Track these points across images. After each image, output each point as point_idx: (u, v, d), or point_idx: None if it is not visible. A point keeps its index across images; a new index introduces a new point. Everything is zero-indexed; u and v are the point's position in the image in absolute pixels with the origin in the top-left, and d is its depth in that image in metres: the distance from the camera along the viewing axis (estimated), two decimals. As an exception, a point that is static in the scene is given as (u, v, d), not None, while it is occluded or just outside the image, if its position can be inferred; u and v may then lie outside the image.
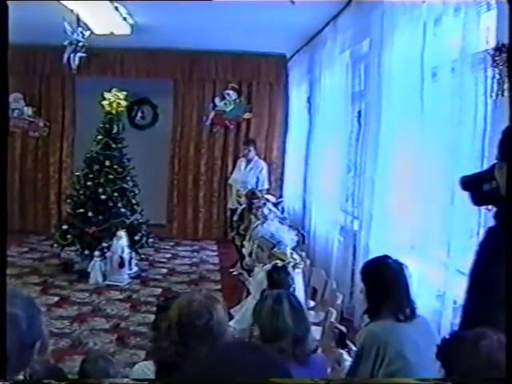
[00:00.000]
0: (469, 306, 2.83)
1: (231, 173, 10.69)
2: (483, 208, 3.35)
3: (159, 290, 7.92)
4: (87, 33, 7.16)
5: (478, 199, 2.98)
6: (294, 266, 5.29)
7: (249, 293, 5.68)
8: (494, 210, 2.81)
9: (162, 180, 11.52)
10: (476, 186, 2.88)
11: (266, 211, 7.29)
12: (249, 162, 10.00)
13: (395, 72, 5.21)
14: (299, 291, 5.12)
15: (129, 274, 8.25)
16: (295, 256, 5.33)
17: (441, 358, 2.13)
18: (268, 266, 5.11)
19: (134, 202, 8.82)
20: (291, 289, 4.70)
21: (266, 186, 9.94)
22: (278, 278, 4.77)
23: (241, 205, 8.91)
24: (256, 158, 10.14)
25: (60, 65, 7.66)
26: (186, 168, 11.57)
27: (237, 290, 6.93)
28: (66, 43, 7.12)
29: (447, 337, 2.22)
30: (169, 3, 6.84)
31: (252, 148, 10.01)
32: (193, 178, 11.56)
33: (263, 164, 10.17)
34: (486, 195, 2.81)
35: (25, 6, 6.44)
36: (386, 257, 3.52)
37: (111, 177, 8.50)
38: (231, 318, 5.55)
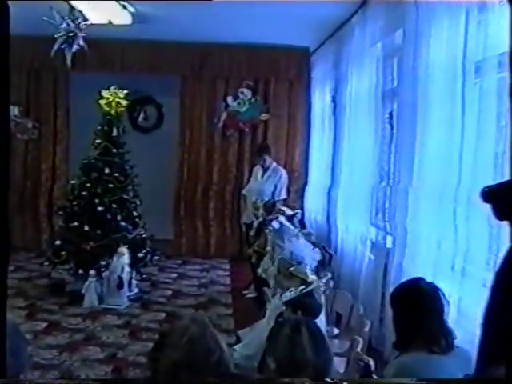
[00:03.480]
0: (487, 329, 2.84)
1: (247, 182, 10.68)
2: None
3: (163, 315, 7.88)
4: (81, 22, 7.15)
5: (502, 213, 2.97)
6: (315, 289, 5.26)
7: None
8: None
9: (169, 190, 11.54)
10: (499, 198, 2.87)
11: (276, 225, 7.23)
12: (266, 169, 9.96)
13: (432, 67, 5.17)
14: (320, 318, 5.09)
15: (128, 296, 8.26)
16: (314, 277, 5.30)
17: None
18: (287, 294, 5.09)
19: (135, 214, 8.82)
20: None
21: (284, 195, 9.90)
22: (311, 303, 4.75)
23: (258, 218, 8.86)
24: (274, 164, 10.09)
25: (51, 59, 7.65)
26: (196, 176, 11.59)
27: (250, 314, 6.90)
28: (57, 35, 7.11)
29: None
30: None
31: (267, 157, 9.96)
32: (203, 188, 11.57)
33: (282, 170, 10.13)
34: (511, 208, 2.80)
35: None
36: (418, 279, 3.51)
37: (111, 186, 8.52)
38: (239, 341, 5.53)
